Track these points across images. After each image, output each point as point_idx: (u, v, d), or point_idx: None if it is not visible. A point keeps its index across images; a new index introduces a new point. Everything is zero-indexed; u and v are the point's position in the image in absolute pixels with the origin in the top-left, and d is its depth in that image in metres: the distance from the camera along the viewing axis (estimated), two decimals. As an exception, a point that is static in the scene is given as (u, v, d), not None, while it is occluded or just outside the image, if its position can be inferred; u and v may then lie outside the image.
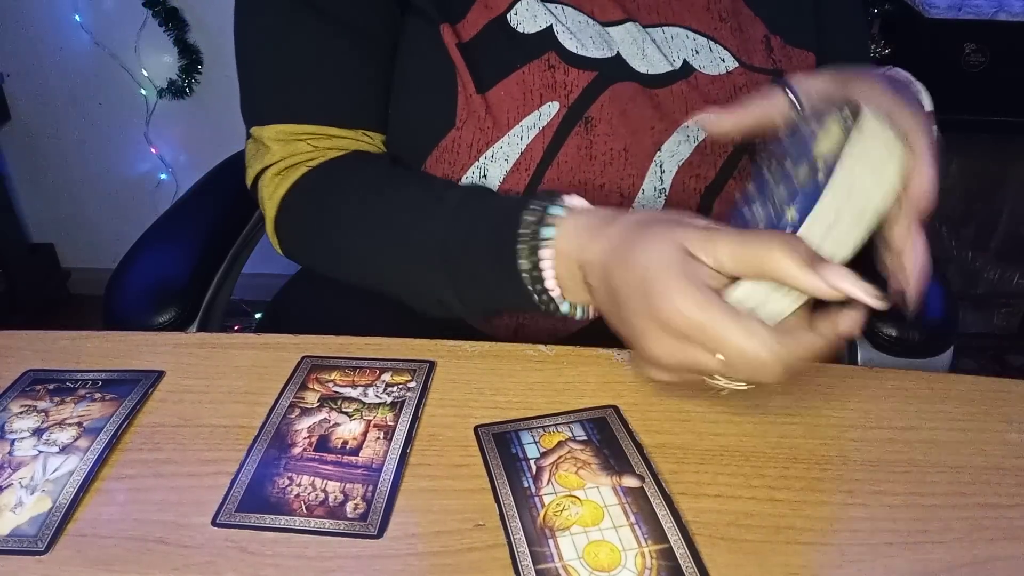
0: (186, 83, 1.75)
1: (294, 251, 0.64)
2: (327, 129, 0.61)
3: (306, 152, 0.61)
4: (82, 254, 2.02)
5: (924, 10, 1.46)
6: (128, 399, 0.48)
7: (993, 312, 1.78)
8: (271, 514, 0.40)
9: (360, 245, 0.58)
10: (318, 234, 0.61)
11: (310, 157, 0.61)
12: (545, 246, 0.48)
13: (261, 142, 0.62)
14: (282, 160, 0.61)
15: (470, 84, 0.57)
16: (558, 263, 0.49)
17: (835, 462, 0.44)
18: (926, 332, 0.67)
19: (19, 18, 1.73)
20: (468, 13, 0.58)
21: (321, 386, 0.50)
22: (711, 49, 0.61)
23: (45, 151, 1.89)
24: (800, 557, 0.38)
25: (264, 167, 0.62)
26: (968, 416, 0.48)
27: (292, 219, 0.62)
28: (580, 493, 0.41)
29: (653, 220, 0.44)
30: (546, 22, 0.58)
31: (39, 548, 0.39)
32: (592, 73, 0.58)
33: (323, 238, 0.61)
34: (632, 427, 0.46)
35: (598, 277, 0.46)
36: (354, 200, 0.58)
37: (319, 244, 0.62)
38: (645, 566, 0.37)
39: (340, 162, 0.61)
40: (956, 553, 0.39)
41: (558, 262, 0.48)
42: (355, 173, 0.60)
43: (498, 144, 0.58)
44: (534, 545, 0.38)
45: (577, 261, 0.47)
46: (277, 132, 0.61)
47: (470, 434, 0.46)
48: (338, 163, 0.61)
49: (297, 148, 0.61)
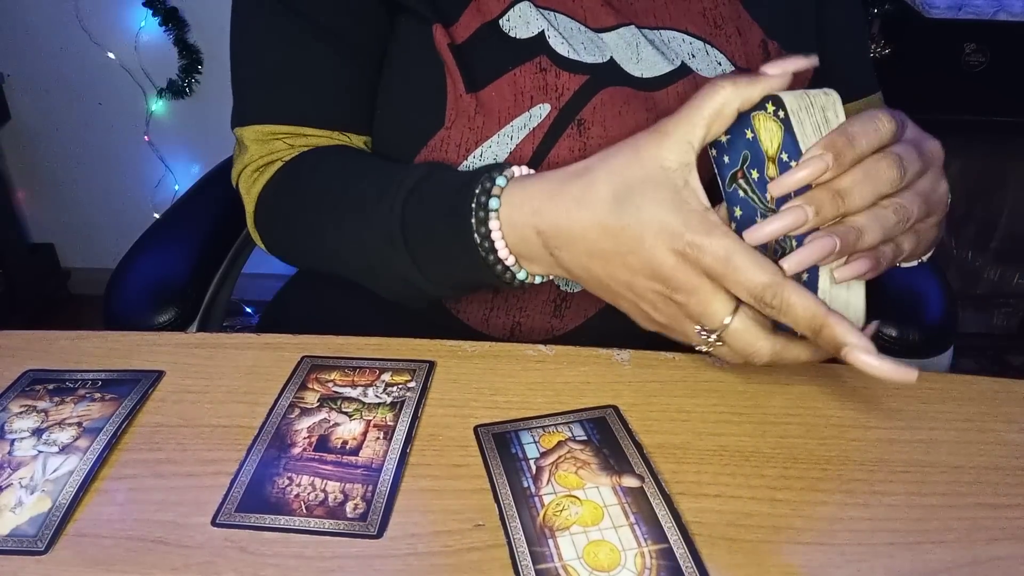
0: (186, 83, 1.75)
1: (273, 246, 0.65)
2: (302, 129, 0.62)
3: (282, 150, 0.62)
4: (82, 254, 2.02)
5: (924, 10, 1.46)
6: (128, 399, 0.48)
7: (993, 312, 1.78)
8: (271, 514, 0.40)
9: (324, 231, 0.59)
10: (289, 226, 0.62)
11: (286, 155, 0.62)
12: (492, 217, 0.49)
13: (242, 142, 0.63)
14: (260, 158, 0.62)
15: (460, 84, 0.57)
16: (508, 232, 0.49)
17: (835, 462, 0.44)
18: (926, 332, 0.68)
19: (19, 18, 1.73)
20: (461, 16, 0.58)
21: (321, 386, 0.50)
22: (707, 53, 0.61)
23: (45, 151, 1.89)
24: (800, 557, 0.38)
25: (244, 166, 0.63)
26: (968, 416, 0.48)
27: (267, 213, 0.63)
28: (580, 493, 0.41)
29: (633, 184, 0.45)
30: (538, 28, 0.58)
31: (39, 548, 0.39)
32: (583, 77, 0.58)
33: (294, 229, 0.62)
34: (632, 427, 0.46)
35: (566, 239, 0.47)
36: (316, 187, 0.59)
37: (292, 236, 0.63)
38: (645, 566, 0.37)
39: (308, 155, 0.62)
40: (956, 553, 0.39)
41: (508, 231, 0.49)
42: (321, 162, 0.61)
43: (487, 143, 0.58)
44: (534, 545, 0.38)
45: (533, 228, 0.48)
46: (255, 132, 0.62)
47: (470, 434, 0.46)
48: (307, 155, 0.62)
49: (273, 147, 0.62)
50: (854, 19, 0.71)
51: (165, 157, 1.86)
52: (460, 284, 0.55)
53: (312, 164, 0.61)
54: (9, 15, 1.73)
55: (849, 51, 0.71)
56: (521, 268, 0.51)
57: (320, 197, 0.59)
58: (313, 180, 0.60)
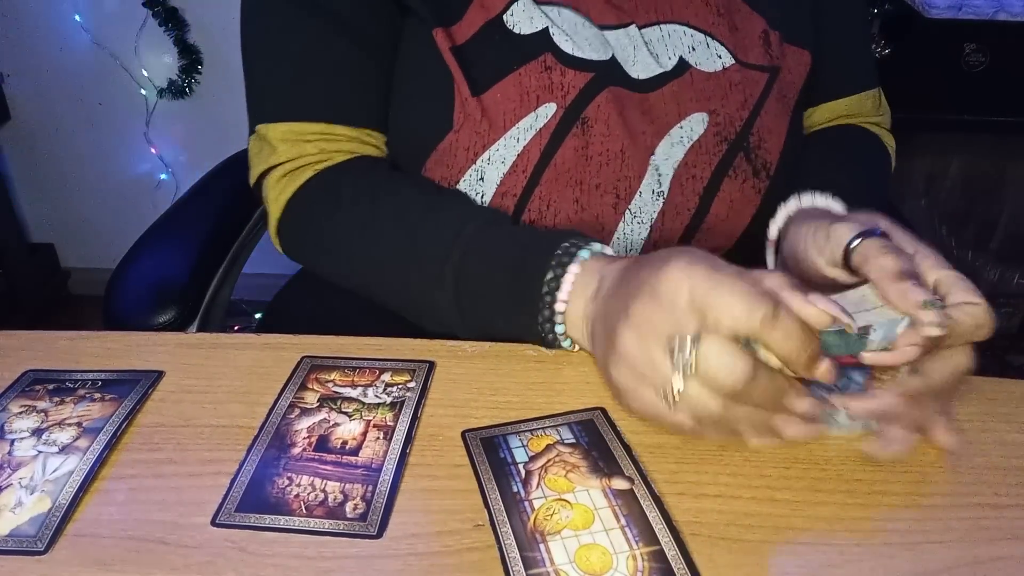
0: (186, 83, 1.75)
1: (295, 252, 0.64)
2: (333, 128, 0.61)
3: (312, 155, 0.61)
4: (82, 254, 2.02)
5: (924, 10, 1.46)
6: (128, 399, 0.48)
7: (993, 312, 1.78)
8: (271, 514, 0.40)
9: (366, 251, 0.58)
10: (322, 238, 0.61)
11: (317, 160, 0.61)
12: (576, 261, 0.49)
13: (267, 141, 0.62)
14: (289, 161, 0.61)
15: (465, 88, 0.57)
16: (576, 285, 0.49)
17: (835, 462, 0.44)
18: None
19: (19, 18, 1.73)
20: (465, 14, 0.58)
21: (321, 386, 0.50)
22: (708, 45, 0.61)
23: (45, 151, 1.89)
24: (800, 557, 0.38)
25: (269, 167, 0.62)
26: (968, 416, 0.48)
27: (296, 221, 0.62)
28: (570, 496, 0.41)
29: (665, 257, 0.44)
30: (542, 24, 0.58)
31: (39, 548, 0.39)
32: (589, 74, 0.58)
33: (327, 242, 0.61)
34: (619, 428, 0.46)
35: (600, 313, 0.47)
36: (364, 205, 0.58)
37: (322, 247, 0.62)
38: (637, 568, 0.37)
39: (348, 166, 0.61)
40: (956, 553, 0.39)
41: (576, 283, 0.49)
42: (362, 178, 0.60)
43: (495, 147, 0.58)
44: (525, 550, 0.38)
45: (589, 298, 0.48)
46: (284, 132, 0.61)
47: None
48: (346, 167, 0.61)
49: (304, 150, 0.61)
50: (853, 12, 0.71)
51: (165, 157, 1.86)
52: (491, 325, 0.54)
53: (352, 187, 0.60)
54: (9, 15, 1.73)
55: (848, 44, 0.71)
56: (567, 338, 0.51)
57: (363, 230, 0.58)
58: (356, 207, 0.59)
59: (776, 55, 0.63)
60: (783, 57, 0.64)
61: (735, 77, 0.62)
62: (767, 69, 0.63)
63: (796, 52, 0.65)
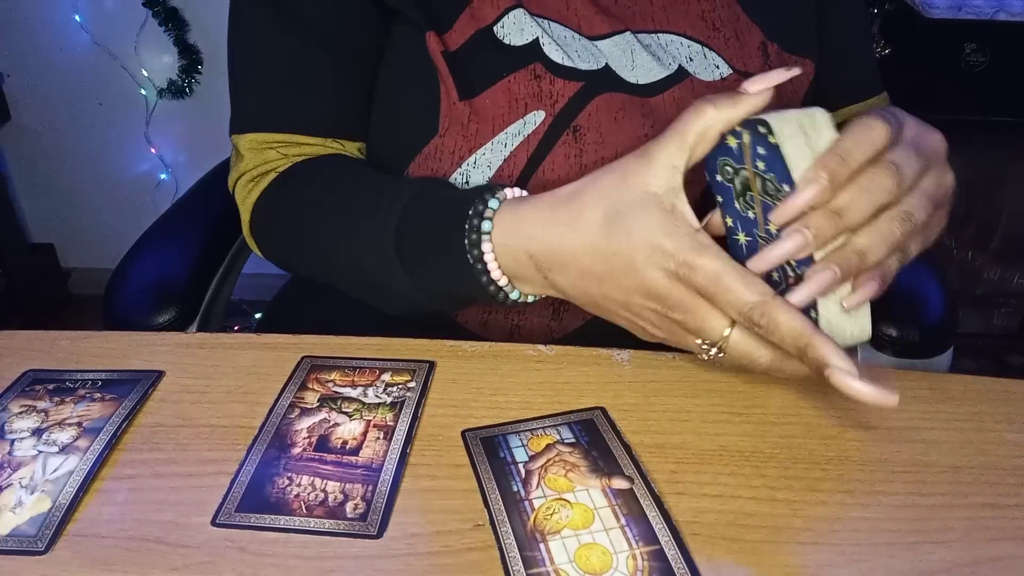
0: (186, 83, 1.75)
1: (269, 253, 0.66)
2: (296, 137, 0.62)
3: (276, 160, 0.62)
4: (82, 254, 2.02)
5: (924, 10, 1.46)
6: (128, 399, 0.48)
7: (993, 312, 1.78)
8: (271, 514, 0.40)
9: (321, 243, 0.59)
10: (285, 235, 0.63)
11: (280, 164, 0.62)
12: (485, 240, 0.49)
13: (236, 150, 0.64)
14: (254, 168, 0.63)
15: (453, 91, 0.57)
16: (501, 254, 0.49)
17: (835, 462, 0.44)
18: (926, 332, 0.67)
19: (19, 18, 1.73)
20: (455, 23, 0.58)
21: (321, 386, 0.50)
22: (705, 56, 0.60)
23: (45, 151, 1.89)
24: (800, 557, 0.38)
25: (240, 175, 0.64)
26: (968, 416, 0.48)
27: (263, 223, 0.64)
28: (570, 496, 0.41)
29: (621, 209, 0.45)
30: (533, 35, 0.58)
31: (39, 548, 0.39)
32: (578, 84, 0.58)
33: (289, 239, 0.62)
34: (620, 428, 0.46)
35: (559, 263, 0.47)
36: (313, 199, 0.59)
37: (287, 245, 0.63)
38: (636, 568, 0.37)
39: (304, 165, 0.62)
40: (956, 553, 0.39)
41: (501, 253, 0.49)
42: (316, 173, 0.61)
43: (481, 151, 0.58)
44: (525, 550, 0.38)
45: (526, 252, 0.48)
46: (250, 141, 0.62)
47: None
48: (302, 166, 0.62)
49: (267, 156, 0.62)
50: (857, 19, 0.71)
51: (165, 157, 1.86)
52: (457, 300, 0.55)
53: (305, 177, 0.61)
54: (9, 15, 1.73)
55: (853, 51, 0.70)
56: (514, 289, 0.51)
57: (314, 212, 0.59)
58: (307, 194, 0.60)
59: (775, 65, 0.63)
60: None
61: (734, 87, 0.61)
62: None
63: (797, 62, 0.65)
